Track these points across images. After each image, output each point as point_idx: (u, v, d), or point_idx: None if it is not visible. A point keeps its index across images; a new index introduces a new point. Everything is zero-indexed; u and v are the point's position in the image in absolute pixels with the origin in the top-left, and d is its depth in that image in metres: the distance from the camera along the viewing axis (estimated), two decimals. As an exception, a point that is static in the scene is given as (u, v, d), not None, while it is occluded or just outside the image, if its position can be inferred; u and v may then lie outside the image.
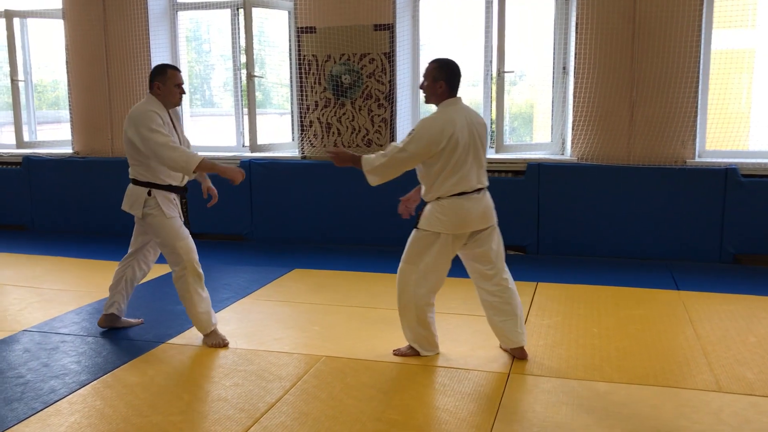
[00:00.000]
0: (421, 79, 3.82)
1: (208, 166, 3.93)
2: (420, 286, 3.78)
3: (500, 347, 3.98)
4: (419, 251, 3.76)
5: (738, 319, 4.48)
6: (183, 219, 4.13)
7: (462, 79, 3.79)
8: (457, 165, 3.64)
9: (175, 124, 4.10)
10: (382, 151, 3.70)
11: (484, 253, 3.78)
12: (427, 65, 3.77)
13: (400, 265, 3.83)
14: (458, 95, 3.76)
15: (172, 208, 4.07)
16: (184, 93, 4.10)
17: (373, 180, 3.70)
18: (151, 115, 3.91)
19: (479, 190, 3.74)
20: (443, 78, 3.69)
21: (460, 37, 6.83)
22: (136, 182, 4.07)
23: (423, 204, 3.81)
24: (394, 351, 3.94)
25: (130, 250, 4.32)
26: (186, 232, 4.08)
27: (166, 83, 3.99)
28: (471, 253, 3.82)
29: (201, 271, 4.07)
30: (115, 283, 4.32)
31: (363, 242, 6.62)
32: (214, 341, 4.06)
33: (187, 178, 4.16)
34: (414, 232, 3.80)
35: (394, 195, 4.15)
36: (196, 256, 4.06)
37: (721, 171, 5.84)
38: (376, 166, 3.67)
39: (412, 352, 3.90)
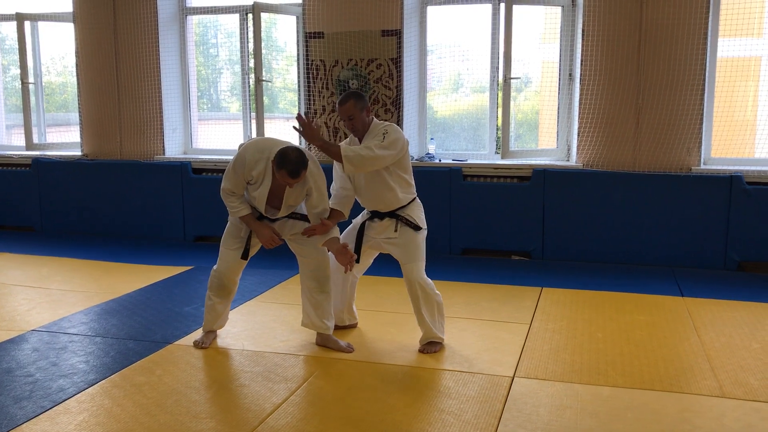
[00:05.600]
0: (345, 122, 3.93)
1: (247, 222, 3.93)
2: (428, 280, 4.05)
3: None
4: (423, 248, 4.03)
5: (742, 325, 4.50)
6: (246, 243, 4.02)
7: (467, 85, 3.93)
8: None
9: (277, 186, 3.82)
10: (362, 145, 3.84)
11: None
12: (339, 109, 3.92)
13: (414, 263, 3.97)
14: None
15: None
16: (288, 185, 3.77)
17: (349, 168, 3.80)
18: (239, 159, 3.79)
19: None
20: (367, 105, 3.96)
21: (466, 43, 6.87)
22: None
23: (390, 213, 4.02)
24: (425, 351, 4.02)
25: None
26: (235, 244, 4.00)
27: (278, 173, 3.66)
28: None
29: (225, 282, 4.05)
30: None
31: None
32: (198, 339, 4.15)
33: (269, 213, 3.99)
34: (413, 233, 3.99)
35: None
36: (226, 268, 4.03)
37: (726, 178, 5.86)
38: (358, 154, 3.77)
39: (438, 345, 4.05)
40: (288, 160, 3.61)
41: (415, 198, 4.09)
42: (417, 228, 4.00)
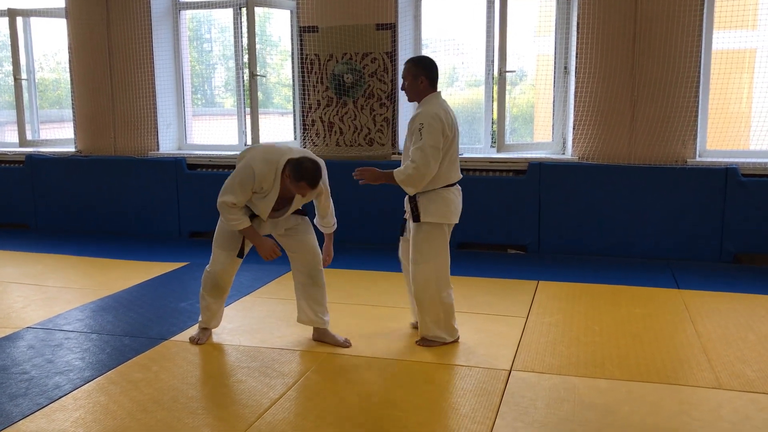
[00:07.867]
0: (401, 80, 3.93)
1: (247, 234, 3.82)
2: (441, 280, 3.94)
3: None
4: (430, 247, 3.88)
5: (738, 317, 4.50)
6: (242, 242, 3.94)
7: (462, 79, 3.87)
8: (453, 156, 3.80)
9: (284, 194, 3.75)
10: (408, 163, 3.69)
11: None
12: (404, 66, 3.90)
13: (414, 266, 3.92)
14: (438, 90, 3.90)
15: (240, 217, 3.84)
16: (302, 195, 3.71)
17: (412, 190, 3.75)
18: (247, 174, 3.63)
19: (457, 182, 3.93)
20: (423, 74, 3.83)
21: (461, 37, 6.85)
22: None
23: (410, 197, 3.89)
24: (417, 342, 4.03)
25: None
26: (231, 245, 3.92)
27: (295, 184, 3.62)
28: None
29: (220, 282, 4.01)
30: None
31: (365, 241, 6.64)
32: (194, 335, 4.13)
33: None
34: (417, 226, 3.86)
35: (398, 196, 4.14)
36: (221, 269, 3.97)
37: (721, 170, 5.86)
38: (407, 176, 3.68)
39: (437, 343, 4.00)
40: (307, 173, 3.58)
41: (435, 189, 3.80)
42: (424, 219, 3.81)
